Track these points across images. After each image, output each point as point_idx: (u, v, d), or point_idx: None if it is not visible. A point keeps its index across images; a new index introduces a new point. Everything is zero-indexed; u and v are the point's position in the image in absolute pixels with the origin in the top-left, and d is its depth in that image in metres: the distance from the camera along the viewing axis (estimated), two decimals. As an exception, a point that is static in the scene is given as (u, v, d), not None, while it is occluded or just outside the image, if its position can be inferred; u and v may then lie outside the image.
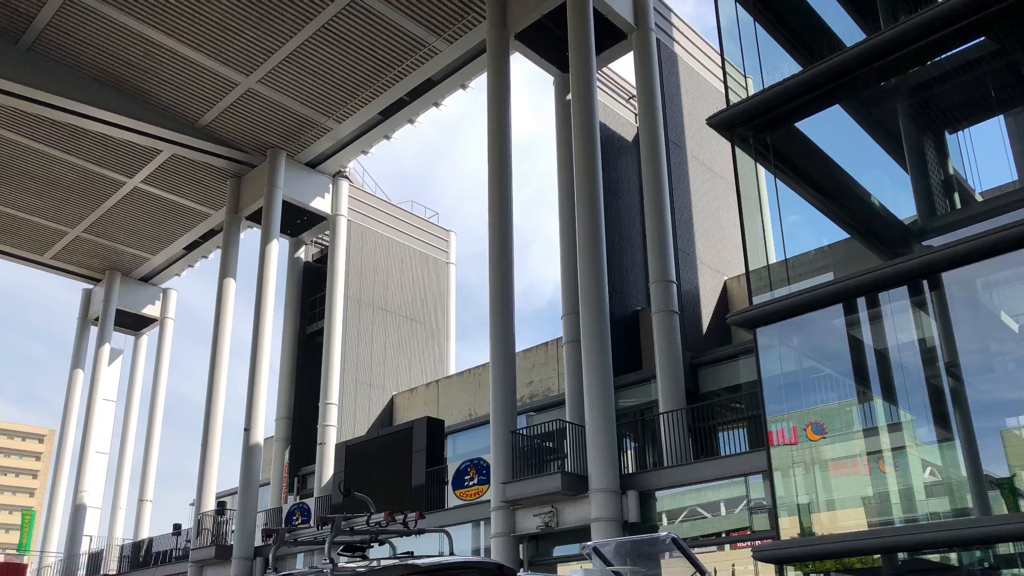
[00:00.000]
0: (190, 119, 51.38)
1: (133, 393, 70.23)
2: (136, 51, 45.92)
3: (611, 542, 18.58)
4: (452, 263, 62.84)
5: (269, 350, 50.35)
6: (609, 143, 41.34)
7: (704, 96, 43.55)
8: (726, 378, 35.70)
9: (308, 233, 58.09)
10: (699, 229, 40.21)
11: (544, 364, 46.26)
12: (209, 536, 49.02)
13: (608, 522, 30.05)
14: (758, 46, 25.36)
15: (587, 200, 34.46)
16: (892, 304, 21.16)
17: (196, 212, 59.98)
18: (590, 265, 33.55)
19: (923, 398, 20.72)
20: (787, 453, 22.05)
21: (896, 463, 20.98)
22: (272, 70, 46.95)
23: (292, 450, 53.53)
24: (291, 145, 53.09)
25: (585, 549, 18.22)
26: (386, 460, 43.11)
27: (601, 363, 32.15)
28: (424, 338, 59.08)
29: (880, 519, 20.65)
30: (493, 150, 38.18)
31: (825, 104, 23.83)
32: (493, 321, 35.90)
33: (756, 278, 23.54)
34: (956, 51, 22.03)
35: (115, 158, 54.38)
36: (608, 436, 31.08)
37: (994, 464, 19.16)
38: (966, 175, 23.31)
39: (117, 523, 65.53)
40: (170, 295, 70.82)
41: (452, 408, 50.85)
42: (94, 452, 64.97)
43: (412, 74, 46.84)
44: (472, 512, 36.82)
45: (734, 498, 29.90)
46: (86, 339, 69.87)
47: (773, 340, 23.02)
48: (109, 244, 64.04)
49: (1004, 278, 20.51)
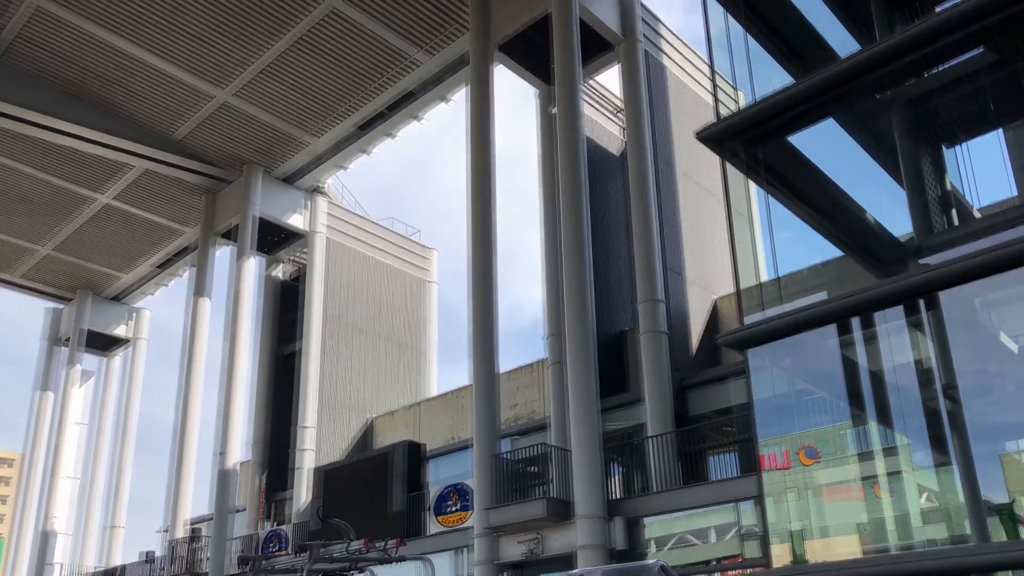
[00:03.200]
0: (163, 133, 51.19)
1: (103, 416, 69.80)
2: (108, 63, 45.78)
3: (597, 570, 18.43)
4: (433, 282, 62.66)
5: (244, 372, 50.20)
6: (595, 158, 41.23)
7: (693, 109, 43.51)
8: (716, 400, 35.57)
9: (284, 251, 57.86)
10: (688, 246, 40.13)
11: (528, 386, 46.12)
12: (182, 564, 48.72)
13: (594, 549, 29.91)
14: (749, 57, 25.30)
15: (572, 216, 34.38)
16: (888, 324, 21.06)
17: (169, 229, 59.76)
18: (575, 284, 33.47)
19: (920, 421, 20.64)
20: (779, 478, 21.93)
21: (892, 488, 20.88)
22: (248, 83, 46.84)
23: (267, 475, 53.27)
24: (267, 160, 52.94)
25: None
26: (365, 485, 42.93)
27: (587, 385, 32.04)
28: (404, 359, 58.87)
29: (875, 546, 20.55)
30: (475, 165, 38.11)
31: (818, 117, 23.77)
32: (475, 341, 35.80)
33: (747, 297, 23.43)
34: (954, 63, 21.99)
35: (85, 174, 54.18)
36: (594, 460, 30.95)
37: (993, 489, 19.05)
38: (964, 191, 23.27)
39: (87, 550, 65.16)
40: (142, 315, 70.45)
41: (433, 431, 50.64)
42: (63, 477, 64.65)
43: (392, 87, 46.78)
44: (454, 539, 36.67)
45: (725, 524, 29.80)
46: (55, 360, 69.47)
47: (765, 361, 22.91)
48: (79, 262, 63.75)
49: (1003, 297, 20.44)
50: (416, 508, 40.36)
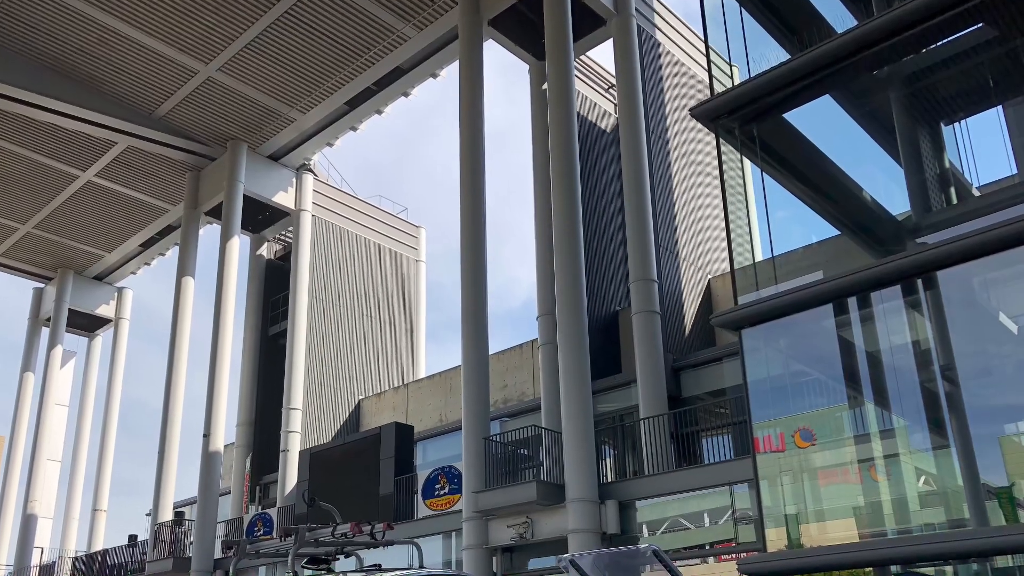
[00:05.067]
0: (146, 109, 50.98)
1: (87, 397, 69.65)
2: (89, 38, 45.48)
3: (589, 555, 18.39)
4: (422, 261, 62.64)
5: (229, 352, 50.02)
6: (587, 135, 41.17)
7: (687, 85, 43.48)
8: (710, 382, 35.60)
9: (270, 229, 57.81)
10: (682, 225, 40.13)
11: (519, 367, 46.12)
12: (167, 548, 48.65)
13: (586, 533, 29.92)
14: (744, 33, 25.24)
15: (564, 194, 34.33)
16: (885, 304, 21.04)
17: (153, 207, 59.56)
18: (567, 263, 33.43)
19: (917, 403, 20.61)
20: (774, 461, 21.93)
21: (889, 471, 20.87)
22: (233, 58, 46.59)
23: (254, 457, 53.24)
24: (253, 137, 52.77)
25: (562, 562, 18.02)
26: (352, 468, 42.92)
27: (579, 366, 32.02)
28: (393, 340, 58.86)
29: (872, 530, 20.54)
30: (465, 142, 38.03)
31: (815, 94, 23.73)
32: (465, 321, 35.75)
33: (742, 277, 23.40)
34: (953, 38, 21.94)
35: (67, 150, 53.96)
36: (586, 443, 30.94)
37: (992, 472, 19.06)
38: (963, 169, 23.25)
39: (70, 534, 65.02)
40: (125, 295, 70.22)
41: (422, 413, 50.67)
42: (46, 459, 64.45)
43: (380, 62, 46.55)
44: (443, 523, 36.66)
45: (718, 508, 29.79)
46: (37, 340, 69.33)
47: (759, 342, 22.89)
48: (61, 241, 63.52)
49: (1003, 277, 20.43)
50: (405, 491, 40.32)
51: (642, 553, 17.22)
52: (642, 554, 17.28)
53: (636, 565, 18.04)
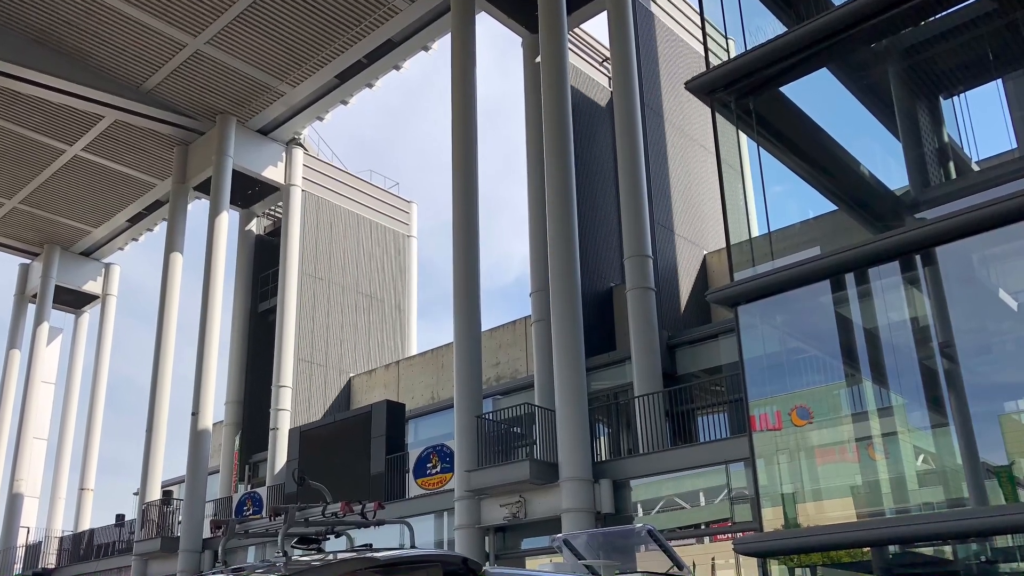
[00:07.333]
0: (134, 83, 50.76)
1: (73, 375, 69.50)
2: (76, 9, 45.23)
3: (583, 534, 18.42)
4: (413, 236, 62.55)
5: (218, 329, 49.94)
6: (581, 108, 41.10)
7: (683, 59, 43.35)
8: (706, 359, 35.60)
9: (260, 205, 57.69)
10: (677, 200, 40.05)
11: (511, 344, 46.10)
12: (154, 527, 48.66)
13: (580, 513, 29.91)
14: (740, 5, 25.18)
15: (558, 169, 34.26)
16: (883, 280, 21.04)
17: (140, 182, 59.36)
18: (561, 239, 33.38)
19: (916, 381, 20.63)
20: (770, 439, 21.94)
21: (887, 450, 20.89)
22: (222, 30, 46.36)
23: (243, 436, 53.20)
24: (242, 111, 52.60)
25: (555, 542, 18.03)
26: (343, 446, 42.91)
27: (572, 343, 32.00)
28: (384, 316, 58.82)
29: (870, 510, 20.58)
30: (457, 116, 37.96)
31: (812, 67, 23.69)
32: (457, 298, 35.74)
33: (738, 252, 23.38)
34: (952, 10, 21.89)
35: (54, 124, 53.75)
36: (580, 421, 30.94)
37: (991, 451, 19.08)
38: (962, 143, 23.22)
39: (56, 513, 64.96)
40: (113, 270, 70.04)
41: (413, 391, 50.65)
42: (32, 438, 64.36)
43: (371, 35, 46.35)
44: (435, 502, 36.67)
45: (714, 487, 29.84)
46: (23, 317, 69.15)
47: (756, 319, 22.89)
48: (48, 216, 63.28)
49: (1002, 253, 20.42)
50: (396, 470, 40.29)
51: (637, 532, 17.25)
52: (637, 533, 17.30)
53: (631, 544, 18.03)
